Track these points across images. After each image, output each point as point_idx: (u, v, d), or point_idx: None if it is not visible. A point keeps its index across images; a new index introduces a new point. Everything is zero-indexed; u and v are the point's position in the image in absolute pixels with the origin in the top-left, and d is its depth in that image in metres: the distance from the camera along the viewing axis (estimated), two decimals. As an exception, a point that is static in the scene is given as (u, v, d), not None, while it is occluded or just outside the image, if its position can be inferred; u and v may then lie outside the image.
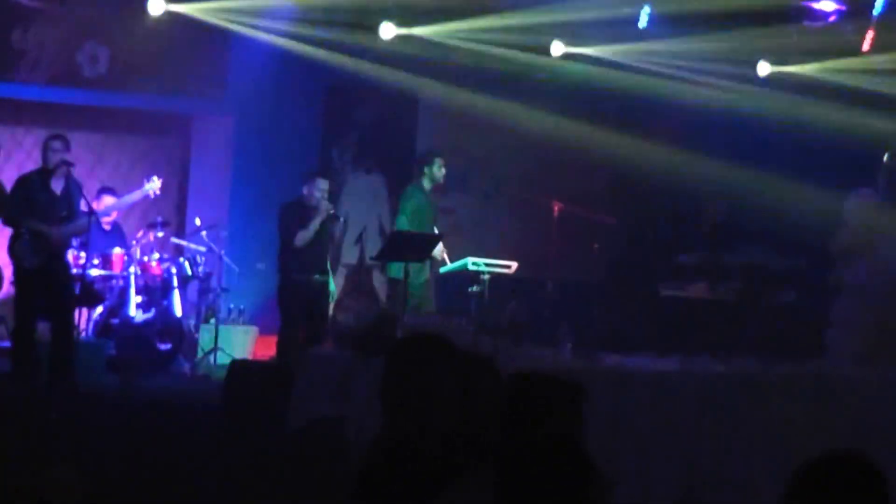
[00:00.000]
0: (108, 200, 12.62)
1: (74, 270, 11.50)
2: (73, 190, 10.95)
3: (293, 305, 11.68)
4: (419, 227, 11.98)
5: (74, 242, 11.52)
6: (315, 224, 11.61)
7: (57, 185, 10.86)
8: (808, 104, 13.36)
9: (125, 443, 8.93)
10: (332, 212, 11.83)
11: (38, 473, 6.81)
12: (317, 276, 11.76)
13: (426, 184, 12.34)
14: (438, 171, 12.33)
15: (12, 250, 10.85)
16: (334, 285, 12.45)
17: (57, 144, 10.86)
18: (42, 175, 10.88)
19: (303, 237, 11.59)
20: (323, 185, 11.80)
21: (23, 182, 10.96)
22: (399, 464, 3.58)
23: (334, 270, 12.87)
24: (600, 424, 7.81)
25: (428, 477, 3.58)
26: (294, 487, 7.90)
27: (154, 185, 12.15)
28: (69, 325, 10.98)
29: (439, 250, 11.97)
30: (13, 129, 14.25)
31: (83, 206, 10.99)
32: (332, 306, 12.42)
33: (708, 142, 13.67)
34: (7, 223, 10.99)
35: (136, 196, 12.14)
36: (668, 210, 14.04)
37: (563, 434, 3.62)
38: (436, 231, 12.12)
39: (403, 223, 12.07)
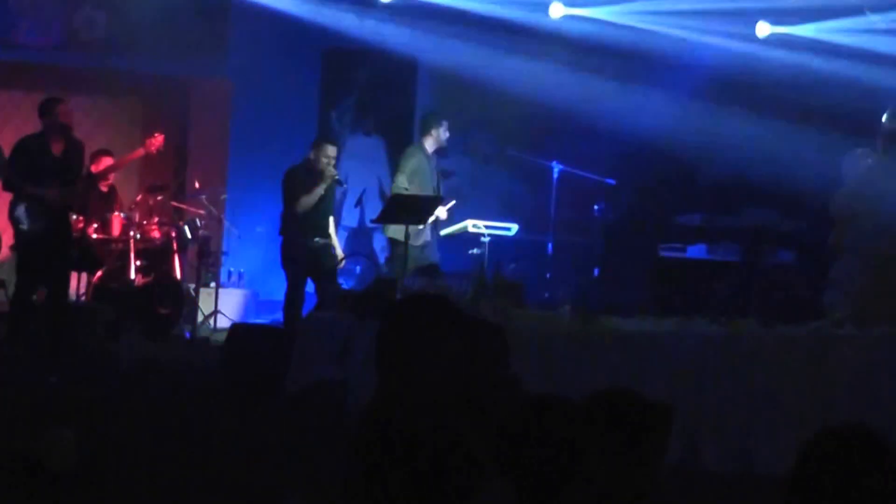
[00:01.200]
0: (106, 161, 12.55)
1: (75, 235, 11.48)
2: (74, 151, 10.88)
3: (297, 268, 11.65)
4: (420, 188, 11.93)
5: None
6: (319, 191, 11.56)
7: (55, 148, 10.81)
8: (808, 64, 13.32)
9: (124, 407, 8.95)
10: (336, 178, 11.75)
11: (36, 436, 6.82)
12: (317, 240, 11.73)
13: (429, 145, 12.27)
14: (444, 133, 12.25)
15: (11, 215, 10.81)
16: (340, 250, 12.42)
17: (60, 107, 10.80)
18: (41, 139, 10.82)
19: (305, 203, 11.53)
20: (331, 151, 11.70)
21: (22, 146, 10.87)
22: (393, 432, 3.54)
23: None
24: (599, 387, 7.82)
25: (423, 447, 3.55)
26: (294, 450, 7.91)
27: (156, 141, 11.92)
28: (64, 289, 10.96)
29: (440, 209, 11.95)
30: (11, 92, 14.24)
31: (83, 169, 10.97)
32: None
33: (709, 103, 13.64)
34: (6, 188, 10.95)
35: (137, 153, 11.86)
36: (669, 172, 14.03)
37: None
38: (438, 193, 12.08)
39: (402, 182, 11.98)
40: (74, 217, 11.69)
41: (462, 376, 3.74)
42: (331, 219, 12.03)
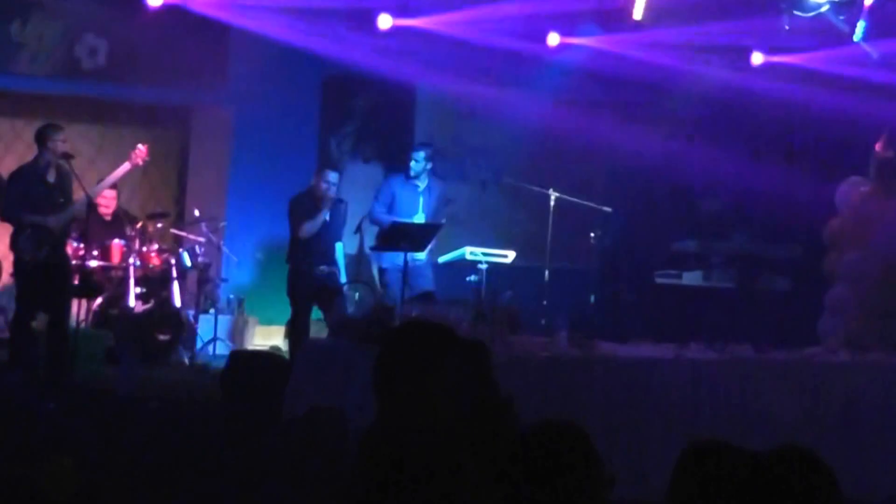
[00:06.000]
0: (105, 191, 12.53)
1: (74, 262, 11.51)
2: (66, 177, 10.93)
3: (303, 296, 11.67)
4: (398, 215, 11.96)
5: (73, 234, 11.54)
6: (321, 216, 11.60)
7: (50, 175, 10.86)
8: (801, 93, 13.42)
9: (123, 434, 8.97)
10: (337, 198, 11.79)
11: (35, 464, 6.88)
12: (323, 267, 11.74)
13: (412, 172, 12.23)
14: (412, 161, 12.22)
15: (15, 244, 10.83)
16: (345, 276, 12.44)
17: (62, 136, 10.84)
18: (36, 167, 10.87)
19: (308, 228, 11.55)
20: (332, 177, 11.72)
21: (17, 176, 10.90)
22: (392, 458, 3.58)
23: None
24: (595, 412, 7.88)
25: (422, 470, 3.58)
26: (293, 477, 7.94)
27: (140, 153, 11.81)
28: (65, 316, 10.99)
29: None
30: (12, 121, 14.31)
31: (82, 197, 11.01)
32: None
33: (703, 131, 13.73)
34: (5, 219, 10.98)
35: (122, 170, 11.75)
36: (664, 199, 14.10)
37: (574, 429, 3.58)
38: (422, 219, 12.05)
39: (376, 210, 12.06)
40: (75, 244, 11.76)
41: (459, 400, 3.78)
42: (338, 245, 12.06)
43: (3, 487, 6.73)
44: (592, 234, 13.53)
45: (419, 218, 12.02)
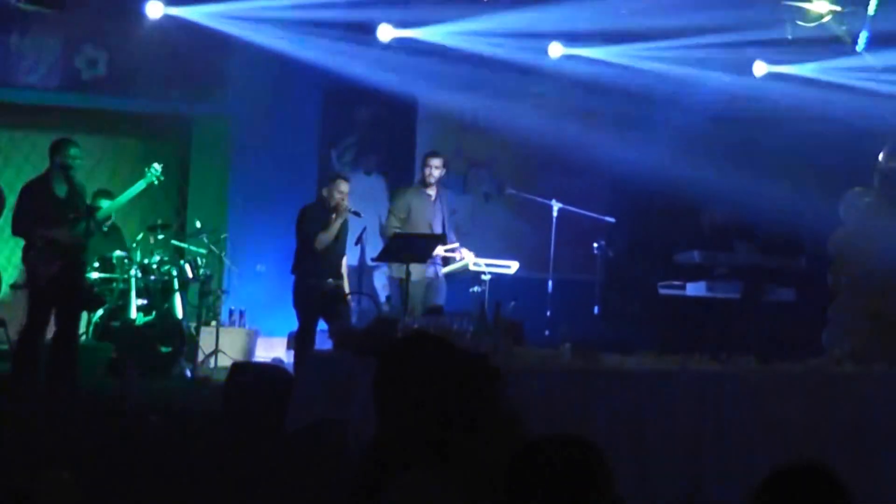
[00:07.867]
0: (102, 205, 12.49)
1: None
2: (79, 191, 10.89)
3: (310, 308, 11.62)
4: (413, 227, 11.96)
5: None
6: (335, 227, 11.56)
7: (60, 190, 10.82)
8: (806, 102, 13.40)
9: (124, 446, 8.94)
10: (352, 210, 11.75)
11: (35, 475, 6.82)
12: (330, 280, 11.70)
13: (431, 180, 12.25)
14: (426, 170, 12.26)
15: (26, 260, 10.79)
16: (349, 288, 12.41)
17: (76, 151, 10.80)
18: (45, 181, 10.84)
19: (322, 240, 11.52)
20: (344, 186, 11.69)
21: (27, 191, 10.87)
22: (393, 470, 3.55)
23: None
24: (599, 425, 7.83)
25: (423, 483, 3.55)
26: (295, 490, 7.90)
27: (155, 172, 11.85)
28: (75, 329, 10.96)
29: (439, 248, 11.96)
30: (11, 132, 14.28)
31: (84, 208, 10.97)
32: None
33: (707, 141, 13.71)
34: (17, 234, 10.93)
35: (138, 188, 11.76)
36: (668, 209, 14.07)
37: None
38: (438, 230, 12.06)
39: (392, 222, 12.05)
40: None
41: (460, 413, 3.75)
42: (344, 259, 12.03)
43: (3, 500, 6.68)
44: (596, 245, 13.52)
45: (437, 227, 12.01)
